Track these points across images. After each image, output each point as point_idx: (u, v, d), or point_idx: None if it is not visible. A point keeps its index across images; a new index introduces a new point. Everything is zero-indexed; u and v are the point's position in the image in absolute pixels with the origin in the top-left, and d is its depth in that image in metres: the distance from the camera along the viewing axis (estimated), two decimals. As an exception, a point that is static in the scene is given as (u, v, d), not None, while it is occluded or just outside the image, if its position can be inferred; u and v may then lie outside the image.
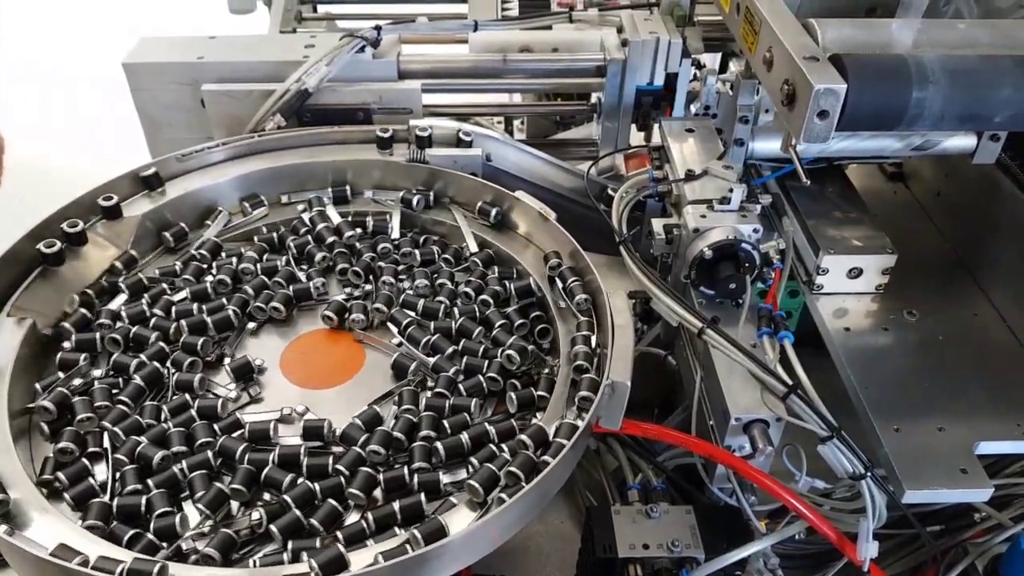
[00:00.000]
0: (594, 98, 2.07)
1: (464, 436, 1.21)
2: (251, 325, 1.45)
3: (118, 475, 1.18)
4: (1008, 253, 1.49)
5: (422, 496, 1.13)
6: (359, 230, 1.60)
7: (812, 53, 1.15)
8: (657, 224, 1.46)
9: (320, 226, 1.58)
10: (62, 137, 4.15)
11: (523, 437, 1.19)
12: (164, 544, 1.09)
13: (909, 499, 1.17)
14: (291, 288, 1.47)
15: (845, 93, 1.10)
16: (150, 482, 1.16)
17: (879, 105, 1.14)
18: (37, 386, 1.30)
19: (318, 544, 1.09)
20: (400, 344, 1.39)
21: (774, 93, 1.22)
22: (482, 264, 1.53)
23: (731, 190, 1.39)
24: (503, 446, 1.20)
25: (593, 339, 1.32)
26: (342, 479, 1.16)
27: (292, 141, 1.71)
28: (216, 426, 1.24)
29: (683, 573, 1.23)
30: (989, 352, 1.42)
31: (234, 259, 1.53)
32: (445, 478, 1.18)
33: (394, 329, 1.41)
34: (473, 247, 1.57)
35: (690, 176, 1.47)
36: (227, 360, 1.37)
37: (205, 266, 1.53)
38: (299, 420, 1.27)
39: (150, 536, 1.09)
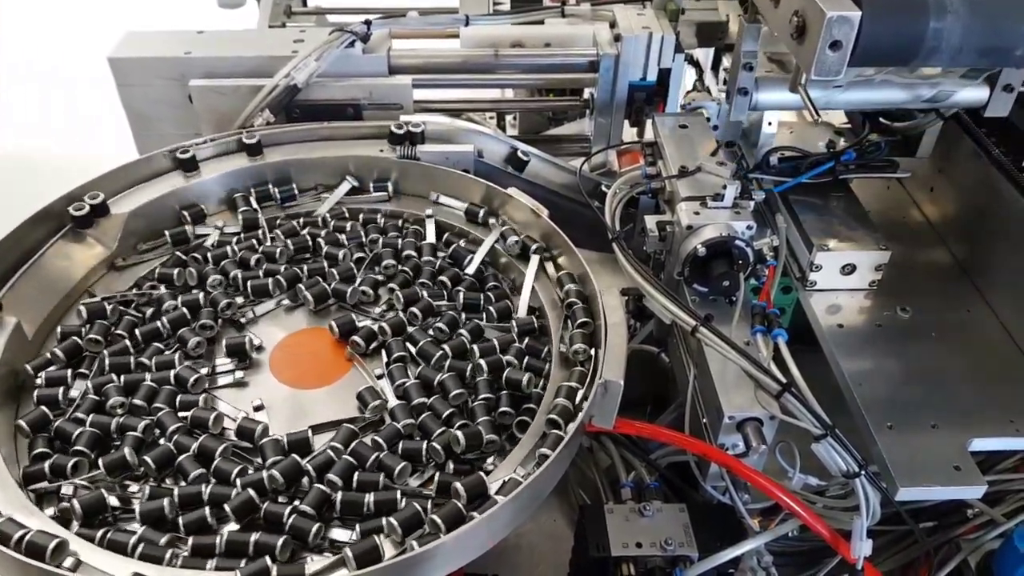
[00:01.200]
0: (587, 94, 2.05)
1: (369, 497, 1.10)
2: (286, 302, 1.46)
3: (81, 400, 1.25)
4: (1002, 249, 1.49)
5: (280, 540, 1.04)
6: (437, 256, 1.53)
7: None
8: (650, 221, 1.45)
9: (406, 240, 1.55)
10: (62, 136, 4.12)
11: (457, 485, 1.09)
12: (57, 479, 1.14)
13: (903, 497, 1.17)
14: (332, 284, 1.45)
15: (859, 22, 1.06)
16: (91, 418, 1.21)
17: (895, 35, 1.10)
18: (99, 293, 1.42)
19: (162, 542, 1.06)
20: (380, 376, 1.33)
21: (782, 28, 1.18)
22: (517, 331, 1.39)
23: (724, 187, 1.38)
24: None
25: (579, 394, 1.21)
26: (233, 492, 1.11)
27: (281, 137, 1.69)
28: (179, 397, 1.26)
29: (677, 572, 1.22)
30: (982, 349, 1.42)
31: (322, 232, 1.55)
32: (341, 534, 1.08)
33: (384, 358, 1.35)
34: (523, 311, 1.44)
35: (683, 172, 1.46)
36: (247, 328, 1.42)
37: (299, 230, 1.57)
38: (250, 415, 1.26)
39: (46, 464, 1.14)
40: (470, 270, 1.50)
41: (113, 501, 1.11)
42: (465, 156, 1.66)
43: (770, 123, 1.59)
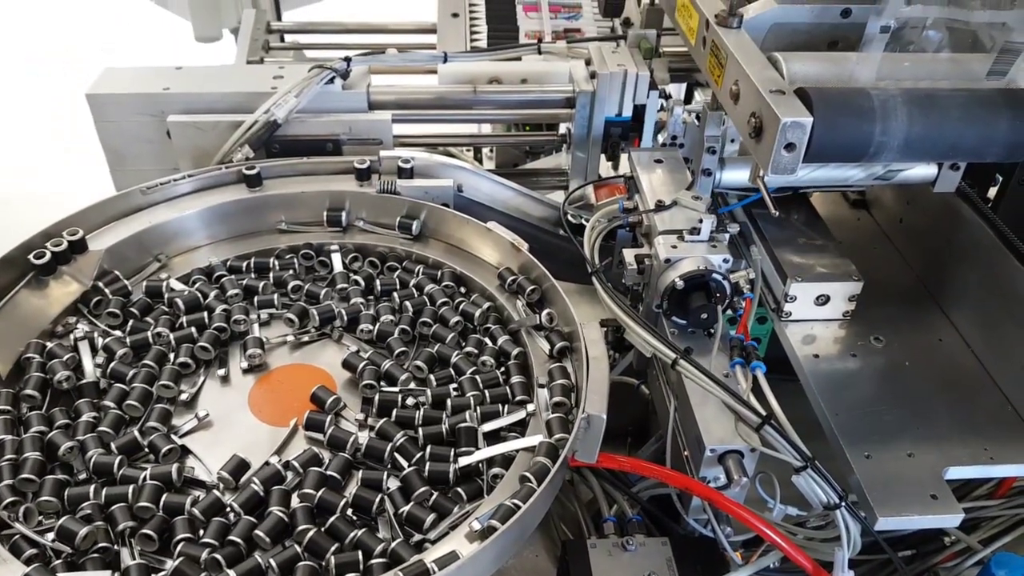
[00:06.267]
0: (563, 128, 2.08)
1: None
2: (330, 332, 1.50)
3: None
4: (970, 279, 1.53)
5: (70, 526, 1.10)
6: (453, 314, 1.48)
7: (778, 86, 1.18)
8: (629, 255, 1.47)
9: (485, 378, 1.39)
10: (35, 170, 4.07)
11: None
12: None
13: (881, 526, 1.18)
14: (359, 350, 1.42)
15: (811, 126, 1.12)
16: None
17: (845, 137, 1.17)
18: (163, 277, 1.55)
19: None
20: (286, 464, 1.24)
21: (741, 126, 1.25)
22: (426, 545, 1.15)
23: (701, 221, 1.40)
24: None
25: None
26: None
27: (261, 172, 1.69)
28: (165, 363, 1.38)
29: (660, 606, 1.22)
30: (955, 377, 1.44)
31: (456, 315, 1.49)
32: None
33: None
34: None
35: (660, 207, 1.48)
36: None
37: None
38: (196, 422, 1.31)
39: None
40: (463, 460, 1.24)
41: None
42: (445, 191, 1.67)
43: (733, 140, 1.62)
